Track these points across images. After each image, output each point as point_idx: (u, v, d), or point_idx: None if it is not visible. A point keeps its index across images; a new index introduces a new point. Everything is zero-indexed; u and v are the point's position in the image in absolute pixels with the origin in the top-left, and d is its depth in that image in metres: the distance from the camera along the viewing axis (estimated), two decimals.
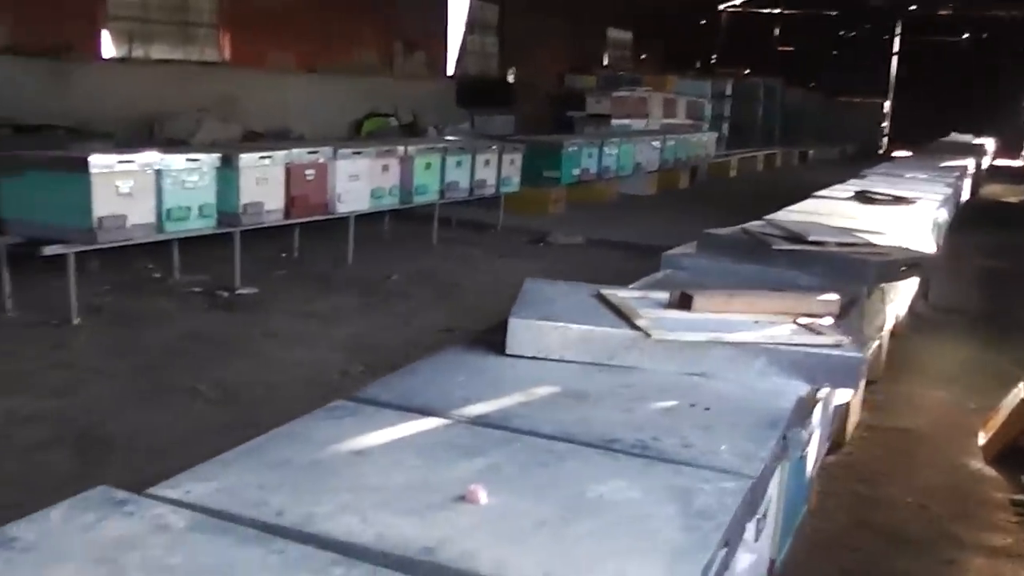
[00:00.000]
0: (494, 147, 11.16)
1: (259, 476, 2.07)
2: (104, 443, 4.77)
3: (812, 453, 3.41)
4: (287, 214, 8.11)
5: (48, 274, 7.11)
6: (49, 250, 6.49)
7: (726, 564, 1.99)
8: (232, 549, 1.73)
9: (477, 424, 2.44)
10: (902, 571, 4.05)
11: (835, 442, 5.09)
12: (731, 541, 2.01)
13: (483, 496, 1.99)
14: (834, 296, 3.37)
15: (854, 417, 5.50)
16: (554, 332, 2.94)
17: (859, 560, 4.11)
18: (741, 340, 2.92)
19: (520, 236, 11.16)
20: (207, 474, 2.07)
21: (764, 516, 2.60)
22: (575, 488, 2.08)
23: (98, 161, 6.49)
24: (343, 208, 8.80)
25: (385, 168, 9.31)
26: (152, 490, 1.98)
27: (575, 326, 2.94)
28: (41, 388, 5.53)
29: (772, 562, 3.01)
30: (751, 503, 2.20)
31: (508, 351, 2.96)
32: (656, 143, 15.84)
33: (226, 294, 7.75)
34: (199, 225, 7.33)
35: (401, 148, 9.64)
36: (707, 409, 2.61)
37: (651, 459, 2.27)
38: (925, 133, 22.49)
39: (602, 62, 25.96)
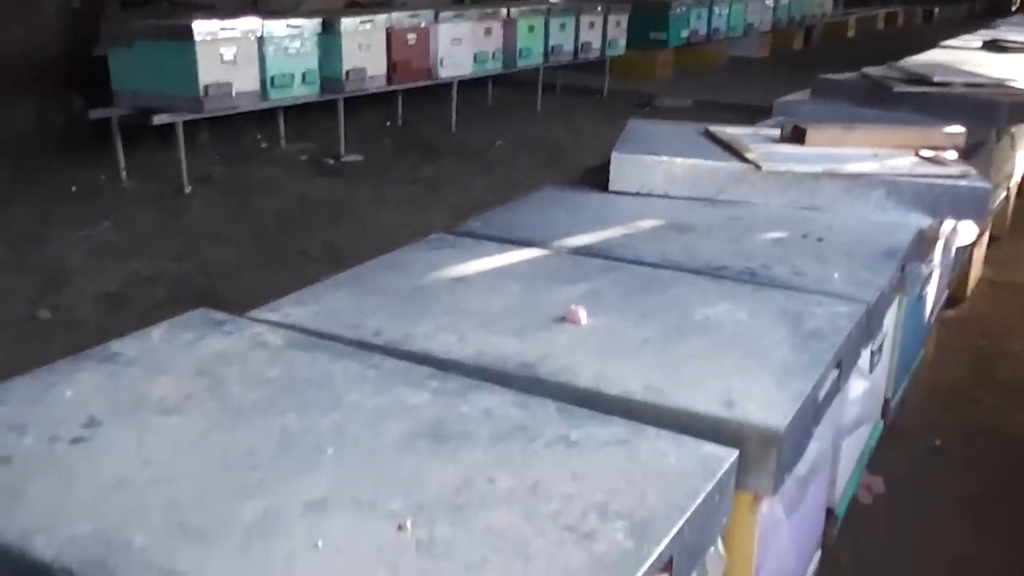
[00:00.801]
0: (599, 8, 10.81)
1: (358, 301, 2.05)
2: (219, 301, 4.87)
3: (931, 296, 3.26)
4: (389, 80, 8.04)
5: (159, 145, 7.24)
6: (158, 119, 6.58)
7: (838, 387, 1.91)
8: (330, 363, 1.72)
9: (578, 254, 2.37)
10: (1021, 425, 3.90)
11: (955, 296, 4.90)
12: (844, 365, 1.92)
13: (584, 316, 1.93)
14: (960, 128, 3.16)
15: (976, 272, 5.27)
16: (659, 167, 2.83)
17: (977, 413, 3.98)
18: (858, 171, 2.76)
19: (626, 101, 10.89)
20: (306, 299, 2.06)
21: (880, 350, 2.49)
22: (680, 311, 2.01)
23: (202, 28, 6.50)
24: (445, 73, 8.68)
25: (487, 31, 9.12)
26: (252, 313, 1.98)
27: (681, 160, 2.82)
28: (158, 252, 5.67)
29: (887, 402, 2.91)
30: (866, 329, 2.09)
31: (611, 187, 2.86)
32: (769, 1, 15.17)
33: (332, 161, 7.79)
34: (303, 92, 7.33)
35: (504, 10, 9.41)
36: (820, 240, 2.49)
37: (760, 285, 2.17)
38: None
39: None
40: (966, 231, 3.22)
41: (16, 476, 1.35)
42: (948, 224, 2.93)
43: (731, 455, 1.46)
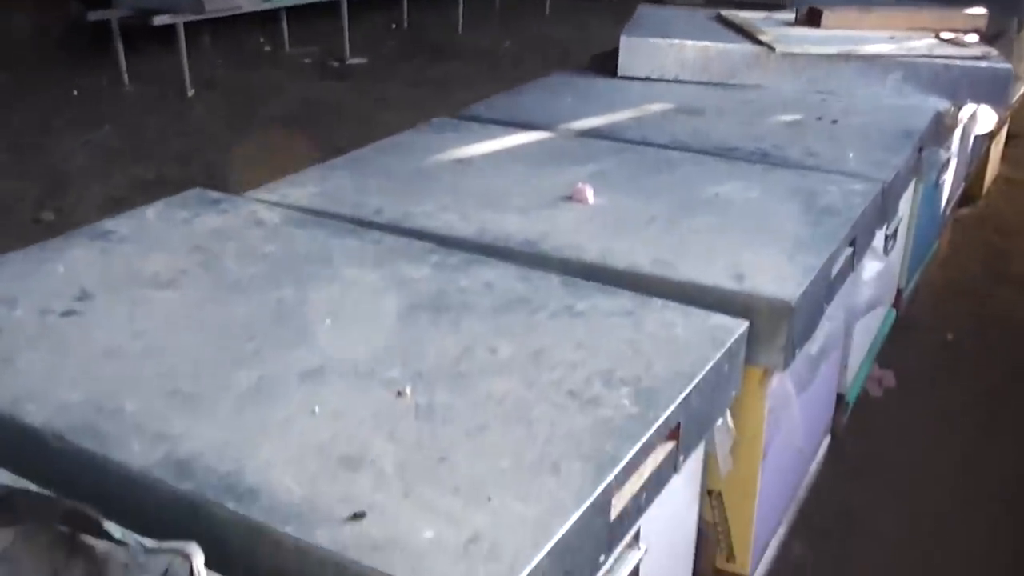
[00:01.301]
0: None
1: (358, 182, 1.99)
2: None
3: (948, 184, 3.19)
4: None
5: (161, 49, 7.11)
6: (159, 20, 6.45)
7: (852, 266, 1.86)
8: (328, 239, 1.68)
9: (585, 136, 2.30)
10: None
11: (971, 194, 4.82)
12: (858, 243, 1.86)
13: (590, 195, 1.87)
14: (981, 10, 3.05)
15: (992, 170, 5.17)
16: (670, 50, 2.74)
17: (991, 307, 3.92)
18: (875, 53, 2.67)
19: (638, 1, 10.64)
20: (305, 180, 2.01)
21: (894, 235, 2.43)
22: (689, 189, 1.95)
23: None
24: None
25: None
26: (248, 193, 1.93)
27: (692, 43, 2.73)
28: (162, 156, 5.60)
29: (899, 291, 2.86)
30: (881, 209, 2.03)
31: (620, 73, 2.78)
32: None
33: (336, 64, 7.65)
34: None
35: None
36: (834, 122, 2.42)
37: (772, 165, 2.11)
38: None
39: None
40: (985, 118, 3.13)
41: (6, 347, 1.32)
42: (967, 110, 2.84)
43: (740, 326, 1.42)
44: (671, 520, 1.49)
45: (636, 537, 1.30)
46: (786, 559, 2.34)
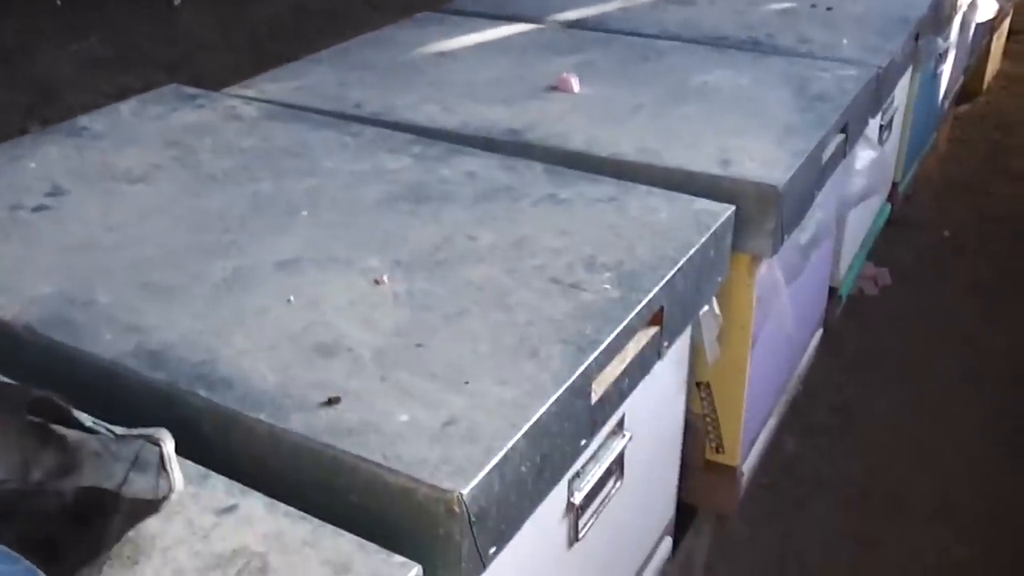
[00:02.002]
0: None
1: (339, 76, 1.94)
2: None
3: (946, 76, 3.12)
4: None
5: None
6: None
7: (844, 152, 1.82)
8: (307, 133, 1.64)
9: (572, 27, 2.24)
10: None
11: (971, 90, 4.74)
12: (851, 130, 1.82)
13: (576, 84, 1.83)
14: None
15: (993, 66, 5.08)
16: None
17: (989, 204, 3.89)
18: None
19: None
20: (284, 75, 1.97)
21: (890, 125, 2.39)
22: (677, 78, 1.90)
23: None
24: None
25: None
26: (226, 89, 1.88)
27: None
28: (150, 64, 5.49)
29: (895, 185, 2.83)
30: (875, 96, 1.98)
31: None
32: None
33: None
34: None
35: None
36: (829, 9, 2.35)
37: (763, 53, 2.05)
38: None
39: None
40: (985, 7, 3.06)
41: None
42: None
43: (726, 210, 1.39)
44: (657, 409, 1.48)
45: (621, 424, 1.29)
46: (777, 453, 2.35)
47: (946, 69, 3.03)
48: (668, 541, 1.67)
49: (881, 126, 2.28)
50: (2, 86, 5.43)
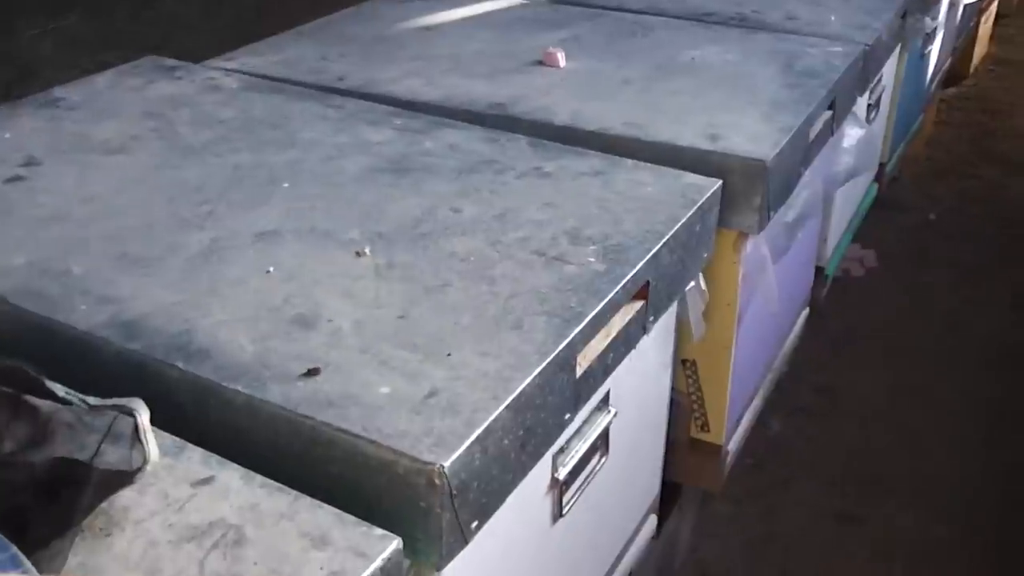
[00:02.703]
0: None
1: (320, 49, 1.92)
2: None
3: (934, 56, 3.11)
4: None
5: None
6: None
7: (831, 130, 1.80)
8: (287, 104, 1.61)
9: (559, 3, 2.22)
10: (1018, 194, 3.83)
11: (959, 73, 4.74)
12: (838, 107, 1.81)
13: (562, 59, 1.81)
14: None
15: (981, 49, 5.08)
16: None
17: (975, 187, 3.89)
18: None
19: None
20: (264, 49, 1.94)
21: (877, 104, 2.37)
22: (664, 53, 1.88)
23: None
24: None
25: None
26: (206, 62, 1.85)
27: None
28: (134, 43, 5.42)
29: (882, 166, 2.82)
30: (862, 73, 1.97)
31: None
32: None
33: None
34: None
35: None
36: None
37: (751, 29, 2.04)
38: None
39: None
40: None
41: None
42: None
43: (713, 184, 1.37)
44: (643, 386, 1.46)
45: (606, 400, 1.27)
46: (762, 432, 2.35)
47: (934, 50, 3.02)
48: (653, 519, 1.65)
49: (869, 105, 2.27)
50: None
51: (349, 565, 0.77)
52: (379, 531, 0.80)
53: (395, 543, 0.79)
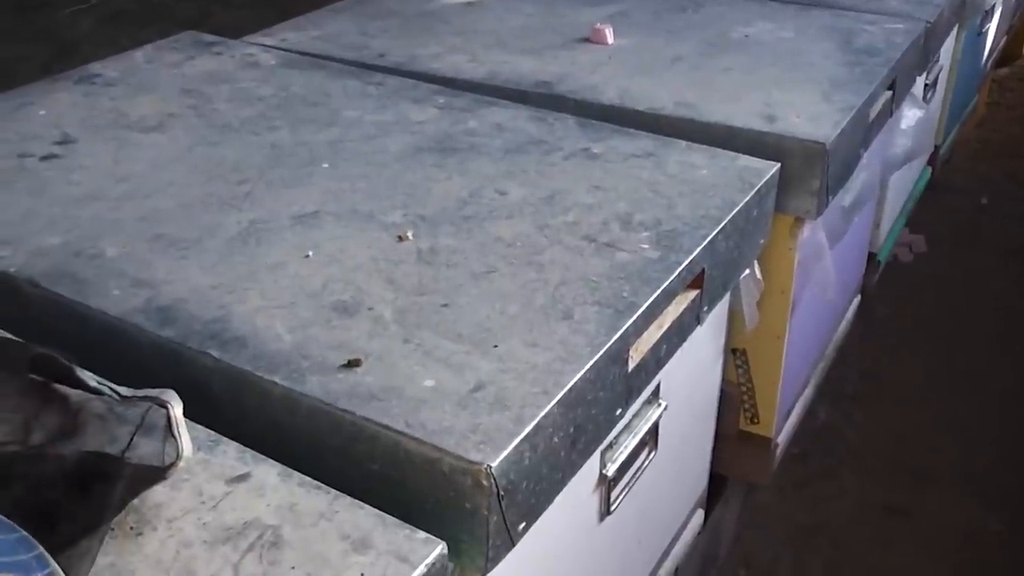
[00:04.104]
0: None
1: (361, 25, 1.87)
2: None
3: (991, 35, 3.01)
4: None
5: None
6: None
7: (890, 110, 1.73)
8: (327, 81, 1.56)
9: None
10: None
11: (1011, 53, 4.60)
12: (898, 87, 1.73)
13: (610, 36, 1.74)
14: None
15: None
16: None
17: None
18: None
19: None
20: (305, 24, 1.89)
21: (935, 84, 2.29)
22: (716, 29, 1.81)
23: None
24: None
25: None
26: (245, 37, 1.81)
27: None
28: (172, 19, 5.42)
29: (936, 148, 2.73)
30: (923, 52, 1.89)
31: None
32: None
33: None
34: None
35: None
36: None
37: (806, 5, 1.96)
38: None
39: None
40: None
41: None
42: None
43: (771, 167, 1.31)
44: (693, 378, 1.41)
45: (656, 393, 1.22)
46: (811, 424, 2.28)
47: (991, 28, 2.92)
48: (700, 513, 1.60)
49: (926, 84, 2.19)
50: (20, 40, 5.37)
51: (391, 571, 0.72)
52: (423, 534, 0.76)
53: (439, 547, 0.75)
